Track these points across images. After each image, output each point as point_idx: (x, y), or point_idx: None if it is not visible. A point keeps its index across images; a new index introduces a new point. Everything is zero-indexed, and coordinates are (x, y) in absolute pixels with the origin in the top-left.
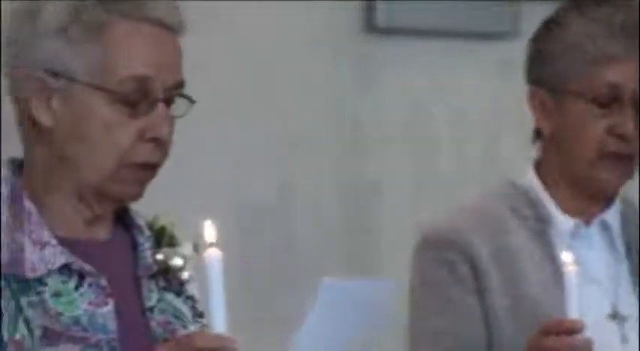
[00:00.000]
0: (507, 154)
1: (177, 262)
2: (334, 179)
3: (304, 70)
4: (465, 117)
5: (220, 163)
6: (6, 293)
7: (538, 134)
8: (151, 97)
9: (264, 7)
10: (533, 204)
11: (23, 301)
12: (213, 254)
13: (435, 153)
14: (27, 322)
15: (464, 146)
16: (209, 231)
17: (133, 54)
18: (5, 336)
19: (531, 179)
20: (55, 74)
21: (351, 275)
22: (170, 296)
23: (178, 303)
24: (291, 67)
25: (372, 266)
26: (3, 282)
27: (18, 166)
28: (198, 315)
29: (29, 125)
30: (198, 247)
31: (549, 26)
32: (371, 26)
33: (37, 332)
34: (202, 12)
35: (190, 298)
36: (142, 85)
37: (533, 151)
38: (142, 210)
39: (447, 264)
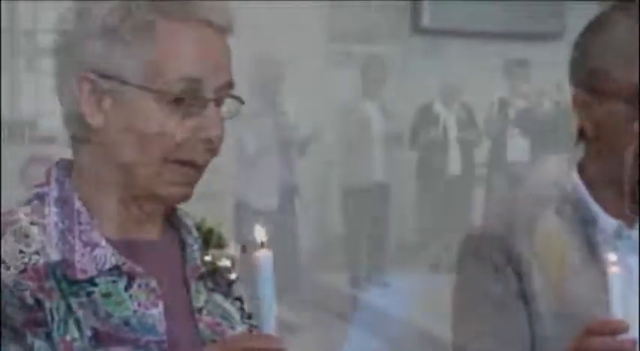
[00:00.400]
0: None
1: (225, 263)
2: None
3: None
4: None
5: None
6: (56, 294)
7: (581, 135)
8: (201, 97)
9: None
10: (578, 205)
11: (73, 301)
12: (263, 255)
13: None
14: (77, 323)
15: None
16: (259, 233)
17: (183, 55)
18: (56, 337)
19: (575, 180)
20: (106, 76)
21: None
22: (218, 297)
23: (226, 304)
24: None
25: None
26: (53, 283)
27: (67, 167)
28: (247, 316)
29: (79, 126)
30: (245, 248)
31: (594, 27)
32: (416, 27)
33: (88, 333)
34: None
35: (238, 299)
36: (193, 85)
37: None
38: None
39: (491, 265)
